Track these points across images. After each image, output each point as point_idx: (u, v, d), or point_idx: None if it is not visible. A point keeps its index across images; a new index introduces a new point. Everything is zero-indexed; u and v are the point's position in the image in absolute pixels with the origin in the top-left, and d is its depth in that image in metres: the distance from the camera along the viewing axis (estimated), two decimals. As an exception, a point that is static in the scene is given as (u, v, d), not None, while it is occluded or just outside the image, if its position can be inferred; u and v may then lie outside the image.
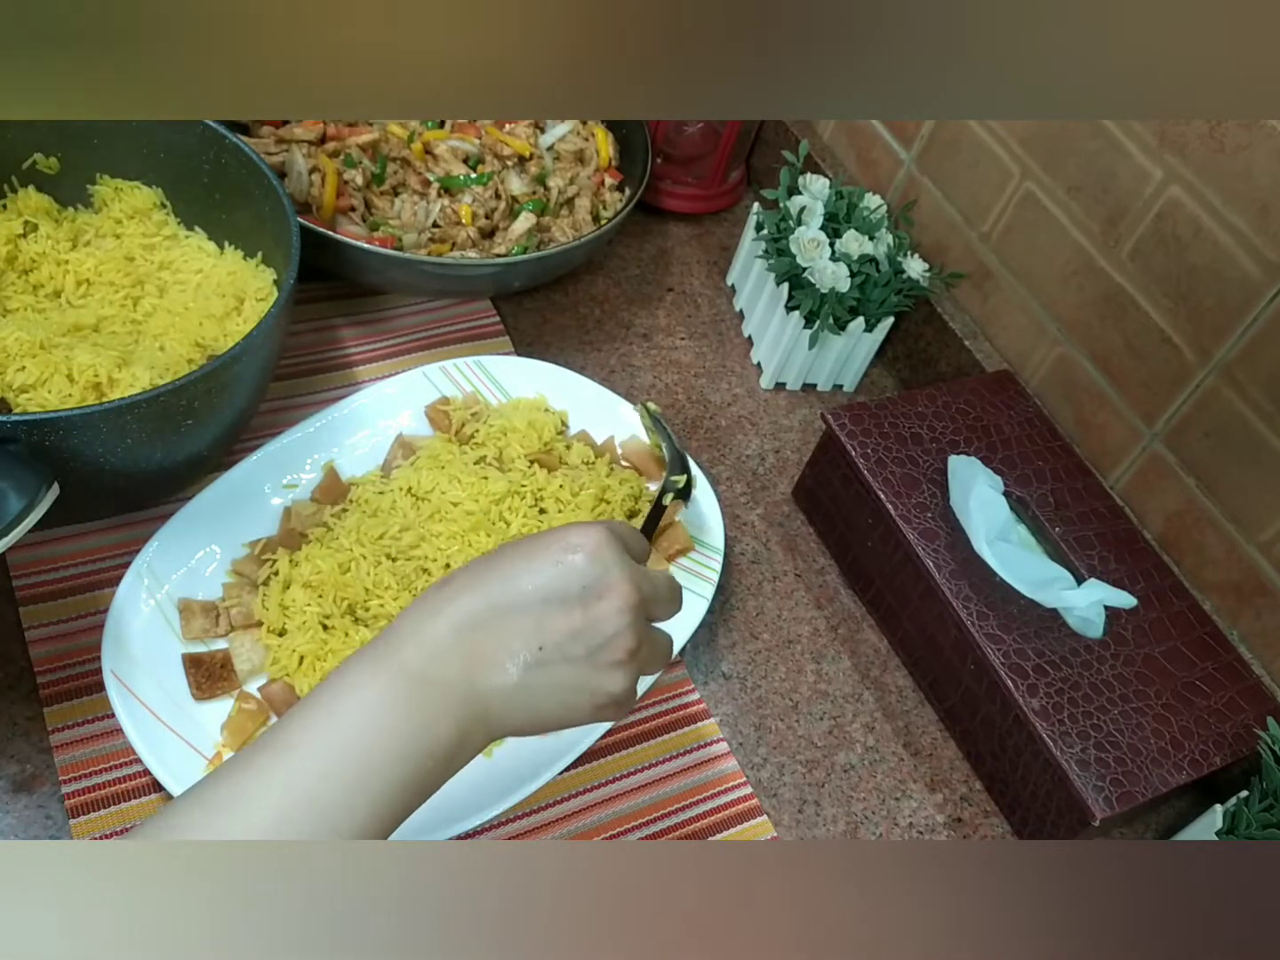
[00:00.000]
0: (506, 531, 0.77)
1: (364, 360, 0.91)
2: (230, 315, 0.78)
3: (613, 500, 0.81)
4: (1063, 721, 0.72)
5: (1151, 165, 0.80)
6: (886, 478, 0.81)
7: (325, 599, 0.70)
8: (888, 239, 0.97)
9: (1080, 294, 0.88)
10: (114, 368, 0.68)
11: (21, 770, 0.65)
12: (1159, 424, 0.84)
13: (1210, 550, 0.83)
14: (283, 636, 0.70)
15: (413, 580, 0.72)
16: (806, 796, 0.76)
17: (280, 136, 0.91)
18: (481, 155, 0.96)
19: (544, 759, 0.69)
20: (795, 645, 0.83)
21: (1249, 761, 0.73)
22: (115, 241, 0.81)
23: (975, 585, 0.77)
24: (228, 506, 0.75)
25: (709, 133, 1.07)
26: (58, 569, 0.73)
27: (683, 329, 1.03)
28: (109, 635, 0.67)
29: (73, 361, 0.68)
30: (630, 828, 0.72)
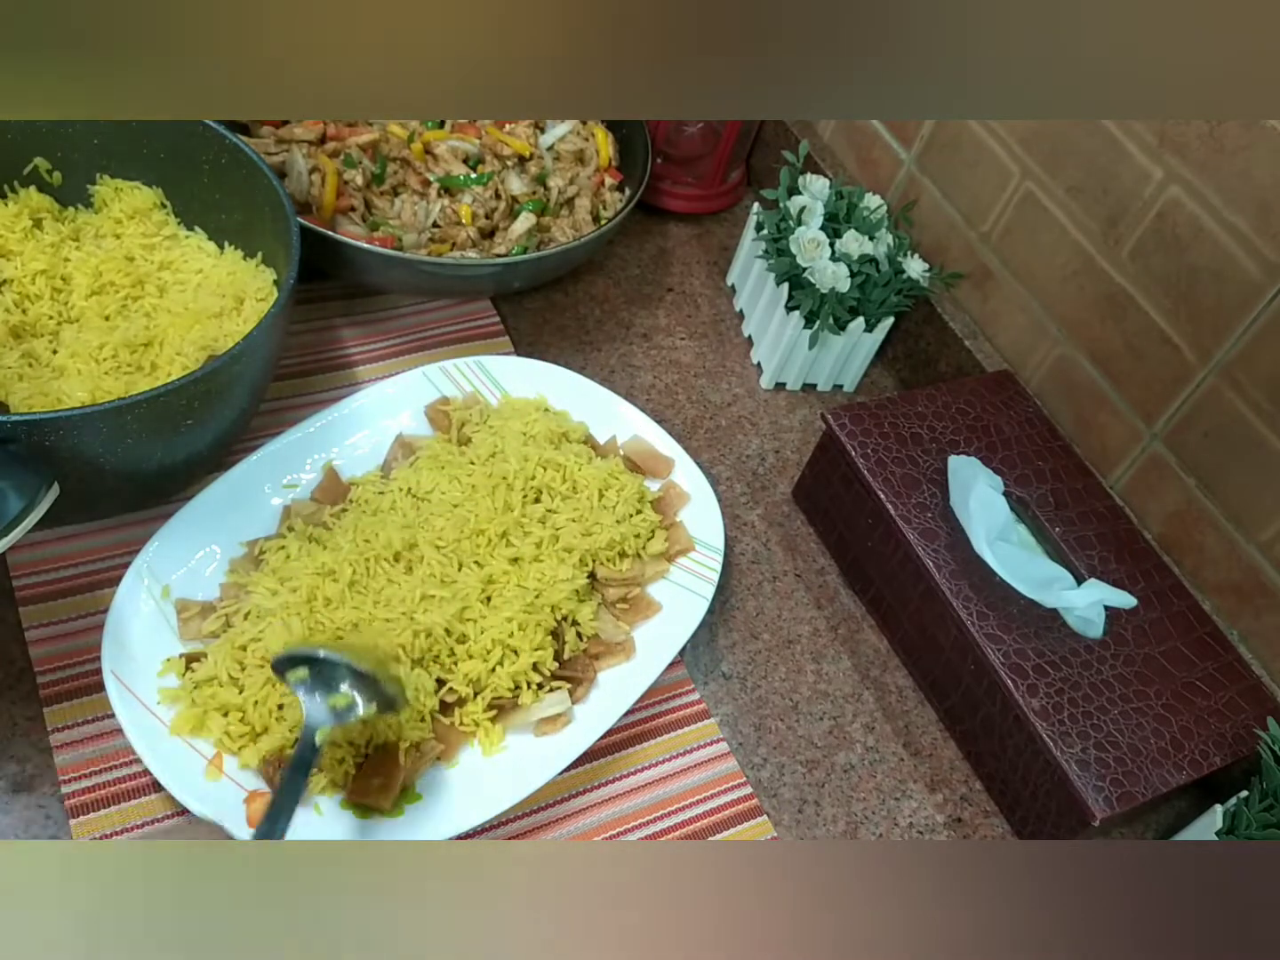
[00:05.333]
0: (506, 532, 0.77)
1: (364, 360, 0.91)
2: (230, 315, 0.78)
3: (613, 500, 0.81)
4: (1063, 721, 0.72)
5: (1151, 165, 0.80)
6: (886, 478, 0.81)
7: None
8: (888, 239, 0.97)
9: (1080, 294, 0.88)
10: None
11: (21, 770, 0.65)
12: (1159, 424, 0.84)
13: (1210, 550, 0.83)
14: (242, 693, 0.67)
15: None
16: (806, 796, 0.76)
17: (280, 136, 0.91)
18: (481, 155, 0.96)
19: (544, 759, 0.69)
20: (795, 645, 0.83)
21: (1249, 761, 0.73)
22: (115, 241, 0.81)
23: (975, 585, 0.77)
24: (228, 506, 0.75)
25: (709, 133, 1.07)
26: (58, 569, 0.73)
27: (683, 329, 1.03)
28: (109, 635, 0.67)
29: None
30: (630, 828, 0.72)
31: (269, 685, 0.67)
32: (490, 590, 0.74)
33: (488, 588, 0.74)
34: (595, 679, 0.74)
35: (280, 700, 0.67)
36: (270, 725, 0.66)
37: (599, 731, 0.71)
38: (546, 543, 0.77)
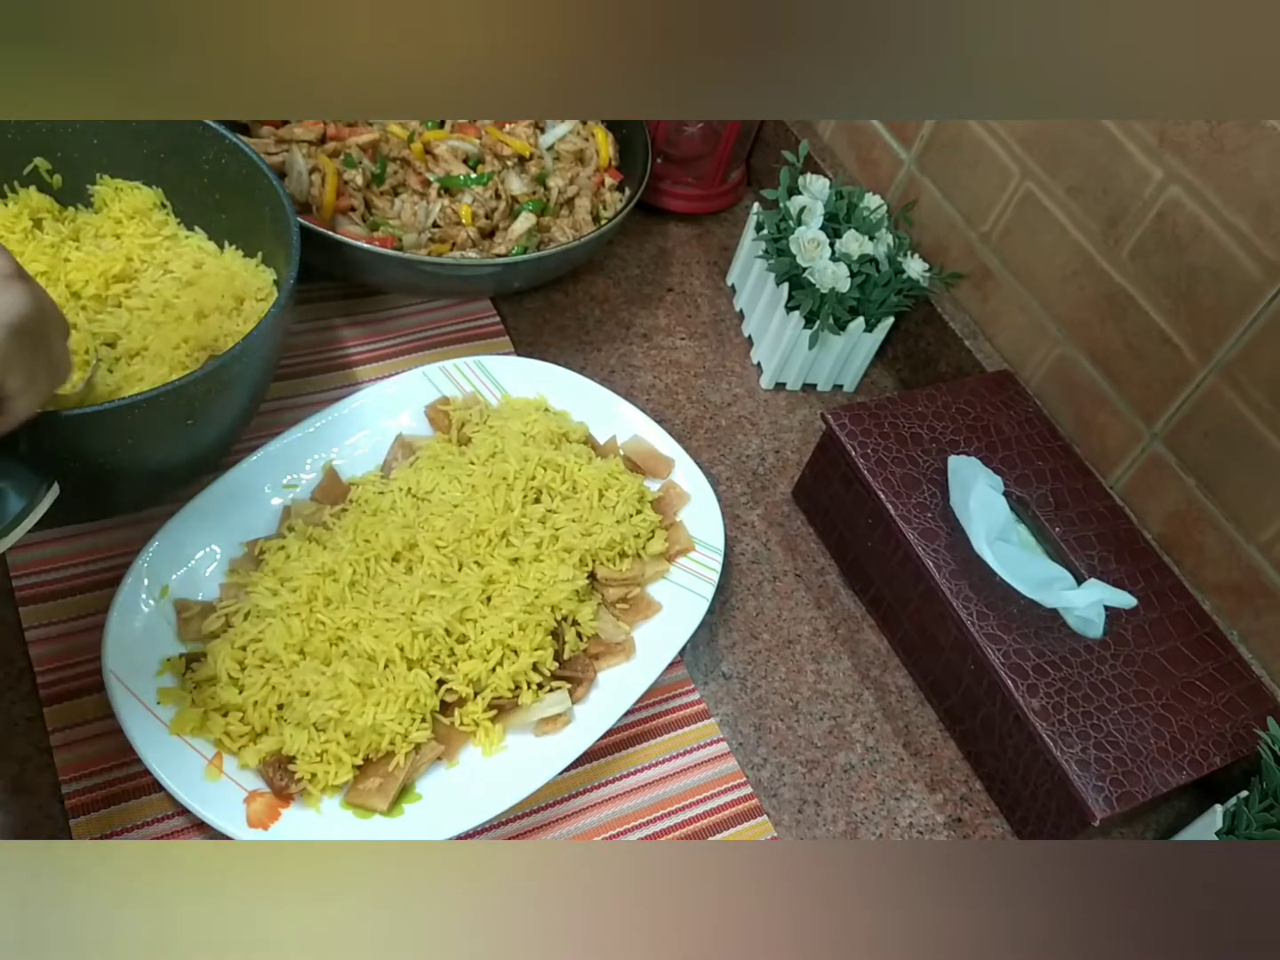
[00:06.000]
0: (505, 533, 0.77)
1: (364, 360, 0.91)
2: (230, 315, 0.78)
3: (613, 500, 0.81)
4: (1063, 721, 0.72)
5: (1151, 165, 0.80)
6: (886, 478, 0.81)
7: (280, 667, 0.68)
8: (888, 239, 0.97)
9: (1080, 294, 0.88)
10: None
11: (21, 770, 0.65)
12: (1159, 424, 0.84)
13: (1210, 550, 0.83)
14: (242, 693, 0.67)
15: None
16: (806, 796, 0.76)
17: (280, 136, 0.91)
18: (481, 155, 0.96)
19: (544, 759, 0.69)
20: (795, 645, 0.83)
21: (1249, 761, 0.73)
22: (115, 241, 0.81)
23: (975, 585, 0.77)
24: (228, 506, 0.75)
25: (709, 133, 1.07)
26: (58, 569, 0.73)
27: (683, 329, 1.03)
28: (109, 635, 0.67)
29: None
30: (630, 828, 0.72)
31: (269, 685, 0.67)
32: (490, 590, 0.74)
33: (488, 588, 0.74)
34: (595, 679, 0.74)
35: (281, 700, 0.67)
36: (270, 725, 0.66)
37: (599, 731, 0.71)
38: (546, 543, 0.77)
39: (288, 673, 0.67)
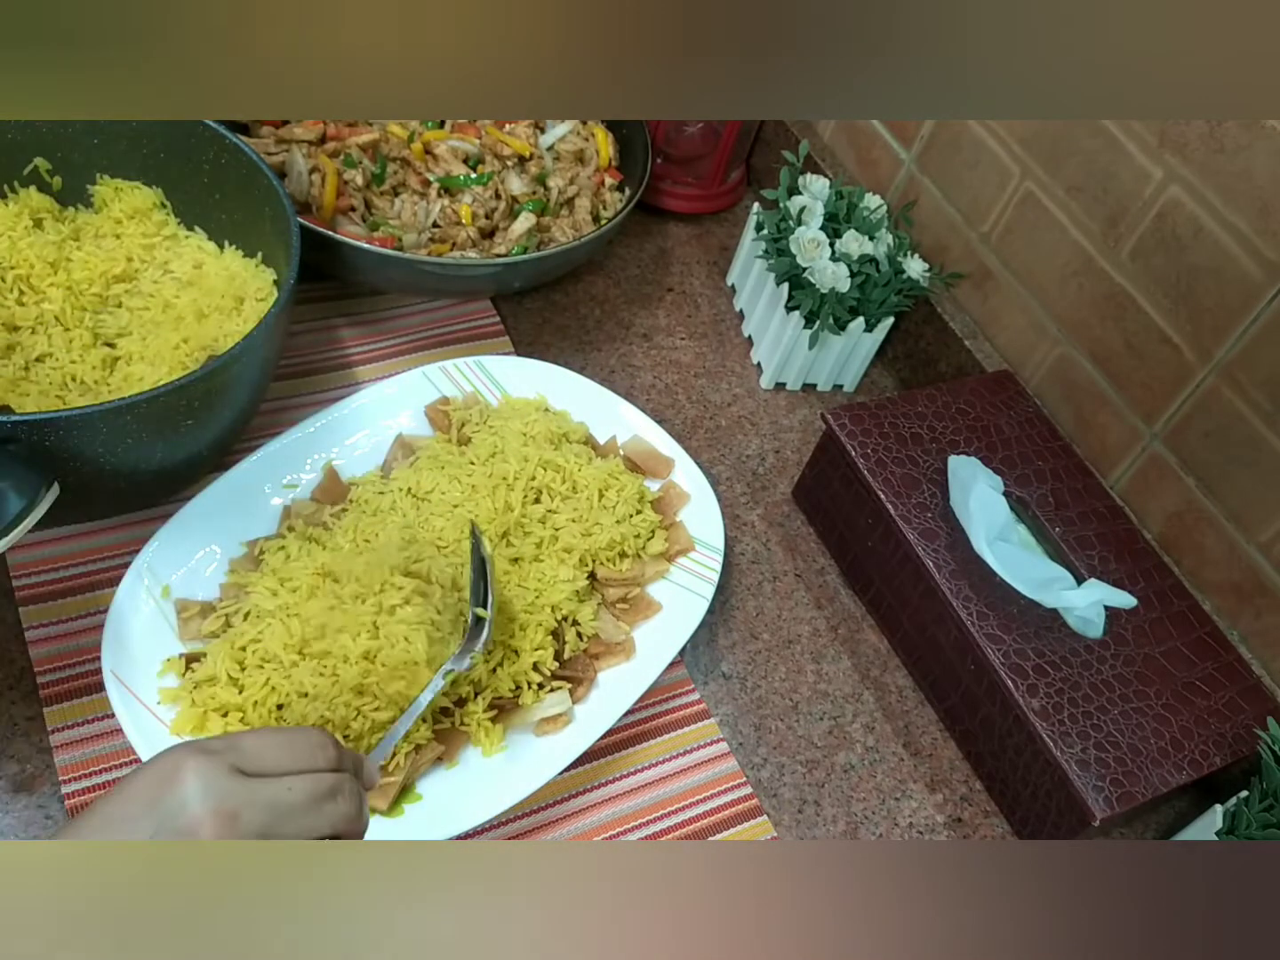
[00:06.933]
0: (505, 532, 0.77)
1: (364, 360, 0.91)
2: (230, 315, 0.78)
3: (613, 500, 0.81)
4: (1063, 721, 0.72)
5: (1151, 165, 0.80)
6: (886, 478, 0.81)
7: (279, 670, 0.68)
8: (888, 239, 0.97)
9: (1080, 294, 0.88)
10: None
11: (21, 770, 0.65)
12: (1159, 424, 0.84)
13: (1210, 550, 0.83)
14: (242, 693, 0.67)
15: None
16: (806, 796, 0.76)
17: (280, 136, 0.91)
18: (481, 155, 0.96)
19: (544, 759, 0.69)
20: (795, 645, 0.83)
21: (1249, 761, 0.73)
22: (115, 241, 0.81)
23: (975, 585, 0.77)
24: (228, 506, 0.75)
25: (709, 133, 1.07)
26: (58, 569, 0.73)
27: (683, 329, 1.03)
28: (109, 635, 0.67)
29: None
30: (630, 828, 0.72)
31: (269, 685, 0.67)
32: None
33: (488, 588, 0.74)
34: (595, 679, 0.74)
35: (280, 700, 0.67)
36: (270, 725, 0.66)
37: (599, 731, 0.71)
38: (546, 543, 0.77)
39: (287, 673, 0.67)
